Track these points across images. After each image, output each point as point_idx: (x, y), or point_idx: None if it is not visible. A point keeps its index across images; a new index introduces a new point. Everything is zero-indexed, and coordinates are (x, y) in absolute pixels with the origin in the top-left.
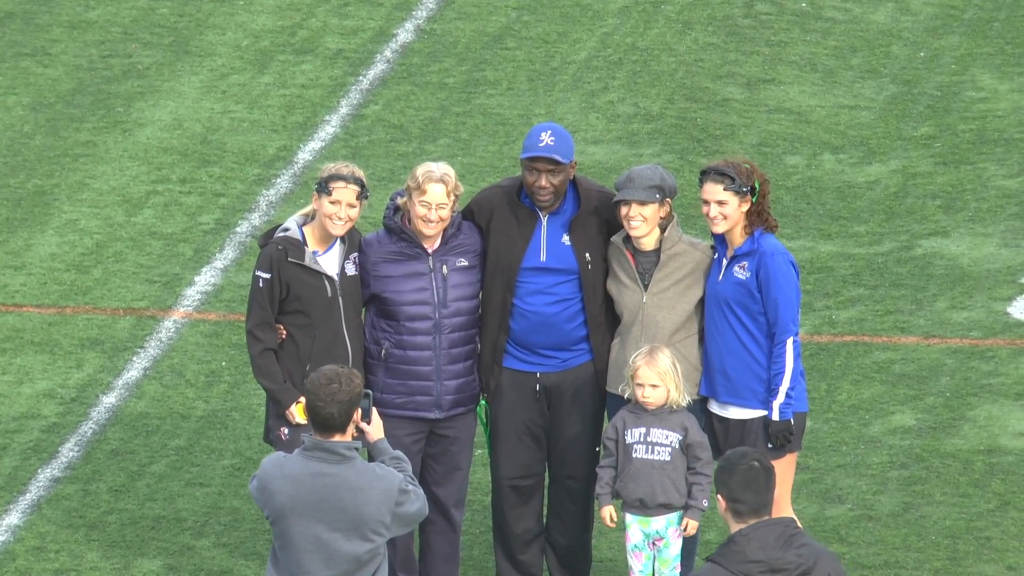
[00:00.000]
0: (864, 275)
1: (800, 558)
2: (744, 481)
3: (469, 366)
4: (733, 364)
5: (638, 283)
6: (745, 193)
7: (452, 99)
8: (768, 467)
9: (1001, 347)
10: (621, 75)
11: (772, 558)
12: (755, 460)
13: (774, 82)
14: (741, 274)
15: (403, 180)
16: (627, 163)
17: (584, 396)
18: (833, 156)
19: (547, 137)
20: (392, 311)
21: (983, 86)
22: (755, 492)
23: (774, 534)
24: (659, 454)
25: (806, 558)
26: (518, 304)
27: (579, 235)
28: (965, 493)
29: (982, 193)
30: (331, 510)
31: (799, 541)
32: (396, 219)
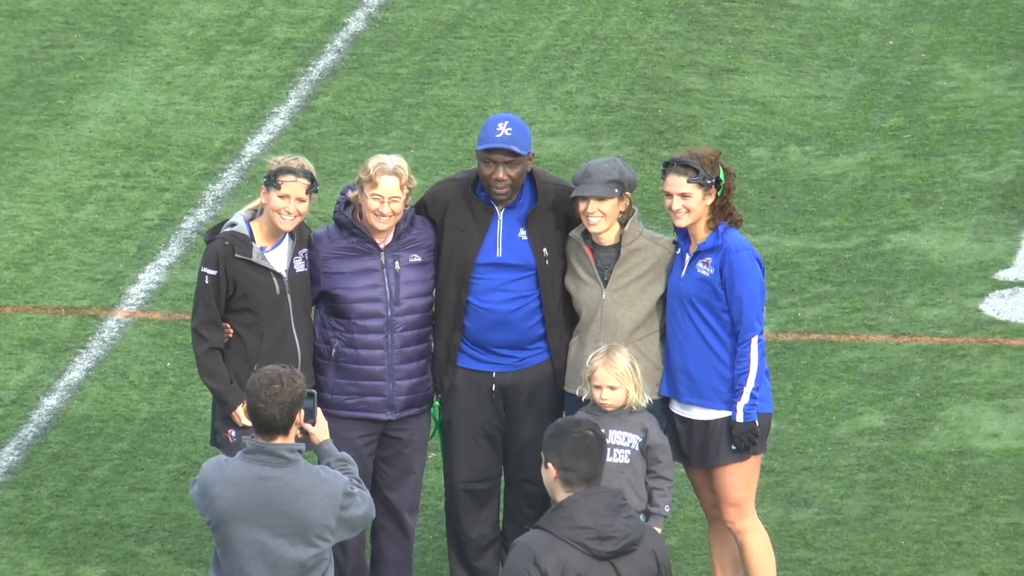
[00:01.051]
0: (831, 271)
1: (628, 528)
2: (577, 449)
3: (422, 365)
4: (696, 363)
5: (597, 279)
6: (709, 186)
7: (404, 90)
8: (601, 436)
9: (973, 345)
10: (579, 65)
11: (601, 525)
12: (589, 429)
13: (738, 72)
14: (705, 270)
15: (354, 173)
16: (586, 155)
17: (541, 396)
18: (799, 148)
19: (504, 128)
20: (343, 309)
21: (954, 75)
22: (588, 461)
23: (603, 502)
24: (618, 456)
25: (634, 529)
26: (473, 301)
27: (536, 230)
28: (935, 496)
29: (953, 186)
30: (274, 515)
31: (627, 512)
32: (347, 214)
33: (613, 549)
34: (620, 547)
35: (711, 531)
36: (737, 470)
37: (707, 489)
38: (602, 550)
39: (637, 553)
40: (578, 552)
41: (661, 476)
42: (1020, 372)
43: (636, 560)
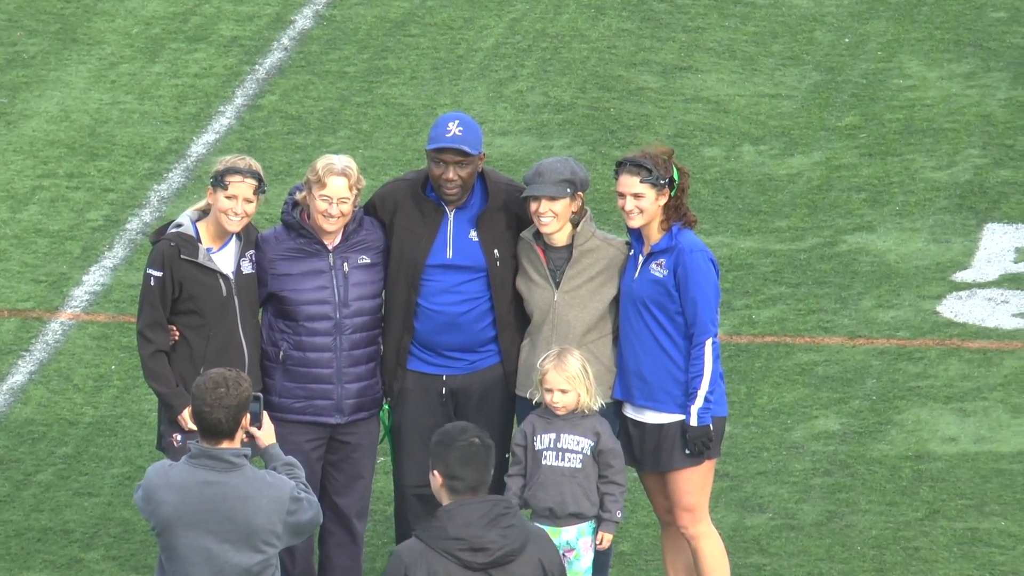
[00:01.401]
0: (786, 272)
1: (504, 539)
2: (463, 457)
3: (371, 368)
4: (649, 366)
5: (549, 281)
6: (663, 186)
7: (353, 89)
8: (488, 444)
9: (930, 348)
10: (530, 63)
11: (473, 536)
12: (475, 436)
13: (691, 70)
14: (658, 272)
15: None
16: (537, 155)
17: (492, 400)
18: (753, 147)
19: (455, 127)
20: (290, 311)
21: (911, 73)
22: (474, 469)
23: (480, 512)
24: (570, 461)
25: (512, 540)
26: (423, 303)
27: (487, 231)
28: (892, 501)
29: (910, 186)
30: (220, 520)
31: (507, 522)
32: (295, 214)
33: (486, 561)
34: (494, 559)
35: (664, 536)
36: (691, 475)
37: (660, 494)
38: (475, 561)
39: (517, 564)
40: (450, 563)
41: (613, 481)
42: (978, 375)
43: (517, 571)
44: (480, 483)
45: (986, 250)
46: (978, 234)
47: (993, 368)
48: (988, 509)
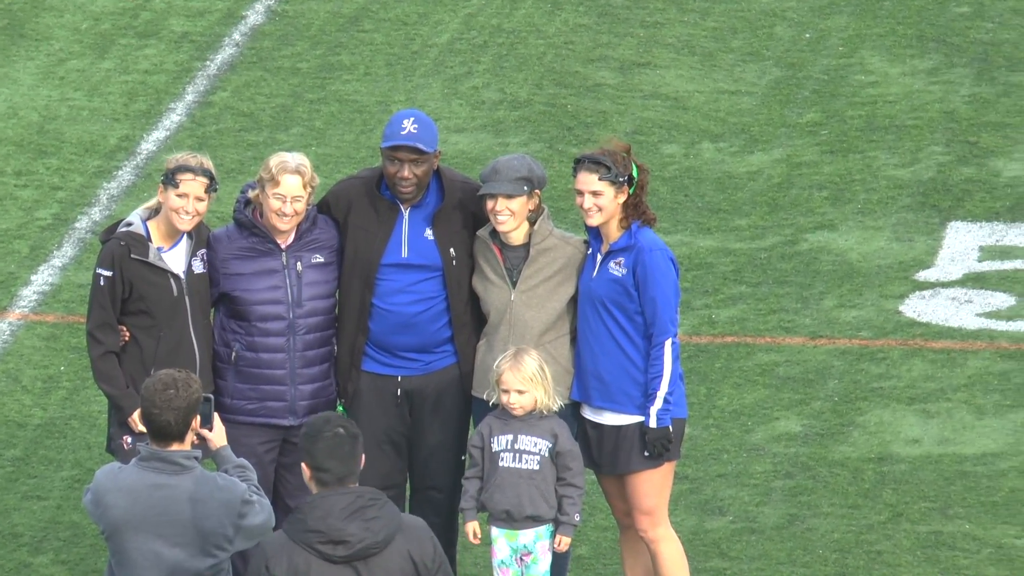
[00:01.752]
0: (746, 272)
1: (367, 532)
2: (329, 448)
3: (325, 369)
4: (608, 367)
5: (506, 280)
6: (622, 183)
7: (306, 85)
8: (354, 434)
9: (893, 348)
10: (486, 59)
11: (332, 529)
12: (340, 426)
13: (649, 66)
14: (617, 271)
15: (254, 171)
16: (493, 152)
17: (448, 401)
18: (713, 145)
19: (410, 124)
20: (243, 311)
21: (872, 69)
22: (340, 460)
23: (342, 504)
24: (527, 463)
25: (376, 532)
26: (378, 303)
27: (443, 229)
28: (854, 504)
29: (872, 183)
30: (170, 524)
31: (371, 514)
32: (247, 213)
33: (347, 554)
34: (355, 552)
35: (623, 540)
36: (650, 477)
37: (619, 497)
38: (334, 554)
39: (383, 556)
40: (311, 556)
41: (571, 484)
42: (941, 376)
43: (383, 563)
44: (347, 474)
45: (949, 249)
46: (941, 233)
47: (957, 369)
48: (952, 512)
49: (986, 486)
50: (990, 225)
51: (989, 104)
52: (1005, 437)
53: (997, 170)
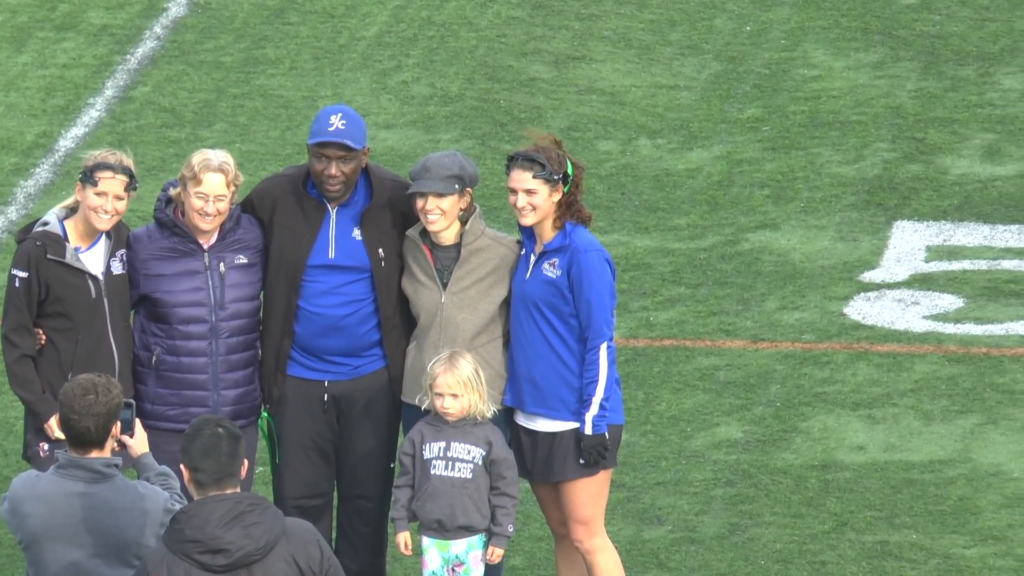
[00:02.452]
0: (685, 272)
1: (247, 539)
2: (204, 448)
3: (249, 374)
4: (542, 371)
5: (436, 281)
6: (556, 181)
7: (229, 80)
8: (235, 435)
9: (837, 351)
10: (416, 52)
11: (210, 537)
12: (220, 426)
13: (585, 59)
14: (551, 272)
15: (175, 169)
16: (423, 149)
17: (377, 407)
18: (650, 141)
19: (337, 120)
20: (164, 313)
21: (816, 63)
22: (215, 460)
23: (220, 511)
24: (460, 471)
25: (256, 539)
26: (304, 306)
27: (371, 229)
28: (797, 513)
29: (815, 181)
30: (89, 533)
31: (251, 519)
32: (168, 212)
33: (226, 563)
34: (235, 560)
35: (558, 550)
36: (585, 486)
37: (553, 506)
38: (214, 564)
39: (265, 563)
40: (191, 566)
41: (505, 493)
42: (887, 380)
43: (265, 571)
44: (224, 475)
45: (895, 249)
46: (887, 232)
47: (903, 373)
48: (898, 521)
49: (933, 494)
50: (937, 224)
51: (936, 99)
52: (953, 444)
53: (944, 167)
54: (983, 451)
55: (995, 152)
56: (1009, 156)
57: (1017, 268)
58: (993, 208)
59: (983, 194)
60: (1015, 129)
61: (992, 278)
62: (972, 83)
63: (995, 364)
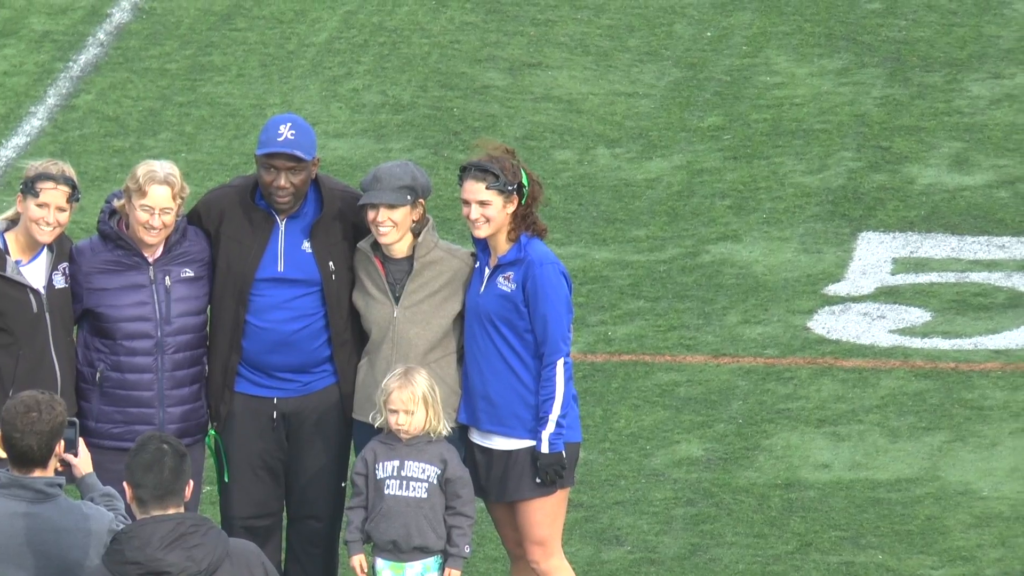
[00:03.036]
0: (644, 285)
1: (189, 561)
2: (147, 463)
3: (196, 391)
4: (497, 388)
5: (388, 295)
6: (511, 192)
7: (175, 87)
8: (180, 453)
9: (801, 367)
10: (367, 59)
11: (151, 559)
12: (165, 443)
13: (541, 66)
14: (506, 286)
15: (119, 179)
16: (374, 159)
17: (328, 424)
18: (608, 150)
19: (286, 130)
20: (108, 328)
21: (778, 70)
22: (157, 476)
23: (161, 531)
24: (415, 490)
25: (198, 561)
26: (252, 321)
27: (321, 241)
28: (760, 533)
29: (778, 191)
30: (32, 555)
31: (193, 541)
32: (112, 224)
33: None
34: None
35: (514, 571)
36: (542, 505)
37: (509, 526)
38: None
39: None
40: None
41: (461, 513)
42: (852, 396)
43: None
44: (166, 492)
45: (861, 261)
46: (852, 244)
47: (869, 389)
48: (864, 542)
49: (900, 514)
50: (904, 236)
51: (902, 106)
52: (920, 462)
53: (911, 177)
54: (951, 469)
55: (963, 161)
56: (978, 165)
57: (986, 281)
58: (961, 219)
59: (951, 204)
60: (983, 137)
61: (960, 291)
62: (939, 90)
63: (963, 379)
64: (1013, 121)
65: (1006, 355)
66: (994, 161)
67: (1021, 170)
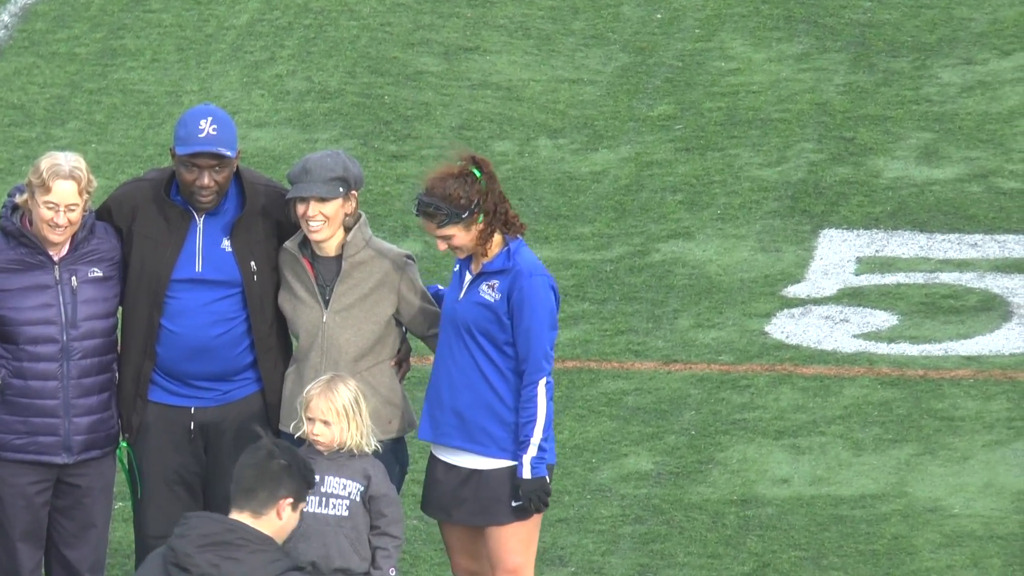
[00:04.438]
0: (589, 287)
1: (214, 568)
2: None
3: (105, 400)
4: (469, 402)
5: (317, 298)
6: (469, 216)
7: (84, 73)
8: (274, 456)
9: (758, 374)
10: (291, 43)
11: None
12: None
13: (478, 51)
14: (489, 295)
15: (24, 172)
16: (299, 150)
17: (250, 437)
18: (551, 141)
19: (208, 126)
20: (9, 332)
21: (733, 55)
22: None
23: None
24: (335, 508)
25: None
26: (167, 325)
27: (243, 240)
28: (714, 553)
29: (733, 185)
30: None
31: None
32: (14, 220)
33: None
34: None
35: None
36: (517, 531)
37: (465, 553)
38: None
39: None
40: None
41: (387, 533)
42: (813, 406)
43: None
44: (240, 489)
45: (822, 260)
46: (813, 242)
47: (831, 398)
48: (826, 562)
49: (865, 532)
50: (868, 233)
51: (867, 94)
52: (887, 476)
53: (877, 170)
54: (919, 484)
55: (932, 153)
56: (947, 158)
57: (956, 282)
58: (930, 215)
59: (919, 200)
60: (954, 128)
61: (929, 292)
62: (907, 77)
63: (933, 388)
64: (986, 110)
65: (978, 362)
66: (965, 153)
67: (994, 163)
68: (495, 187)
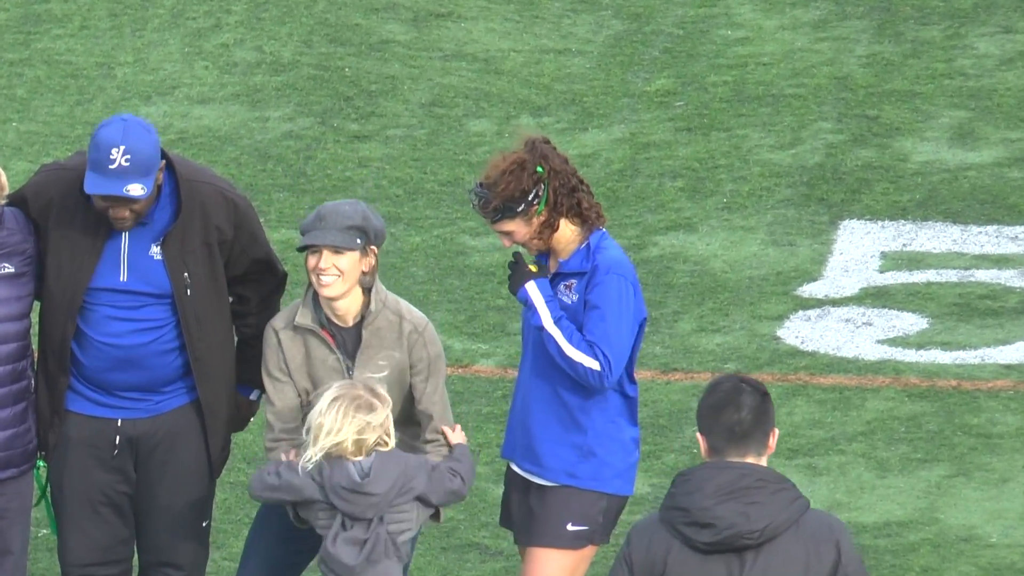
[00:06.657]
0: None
1: (741, 516)
2: (718, 404)
3: (20, 412)
4: (537, 417)
5: (344, 372)
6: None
7: (4, 42)
8: (761, 391)
9: (769, 384)
10: (239, 8)
11: (698, 507)
12: (744, 380)
13: (451, 17)
14: (567, 296)
15: None
16: (248, 129)
17: (184, 451)
18: (535, 120)
19: (119, 156)
20: None
21: (741, 22)
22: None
23: (719, 480)
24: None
25: (753, 520)
26: (89, 333)
27: (175, 248)
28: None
29: (741, 170)
30: None
31: (754, 497)
32: None
33: (711, 540)
34: (722, 539)
35: None
36: (559, 558)
37: None
38: (698, 540)
39: (763, 551)
40: (673, 540)
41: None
42: (832, 420)
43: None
44: (745, 435)
45: (842, 256)
46: (831, 234)
47: (852, 412)
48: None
49: (891, 564)
50: (895, 225)
51: (893, 67)
52: (915, 501)
53: (904, 153)
54: (952, 510)
55: (967, 134)
56: (984, 139)
57: (994, 280)
58: (964, 204)
59: (952, 187)
60: (992, 105)
61: (963, 292)
62: (938, 47)
63: (967, 400)
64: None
65: (1019, 371)
66: (1004, 134)
67: None
68: (563, 173)
